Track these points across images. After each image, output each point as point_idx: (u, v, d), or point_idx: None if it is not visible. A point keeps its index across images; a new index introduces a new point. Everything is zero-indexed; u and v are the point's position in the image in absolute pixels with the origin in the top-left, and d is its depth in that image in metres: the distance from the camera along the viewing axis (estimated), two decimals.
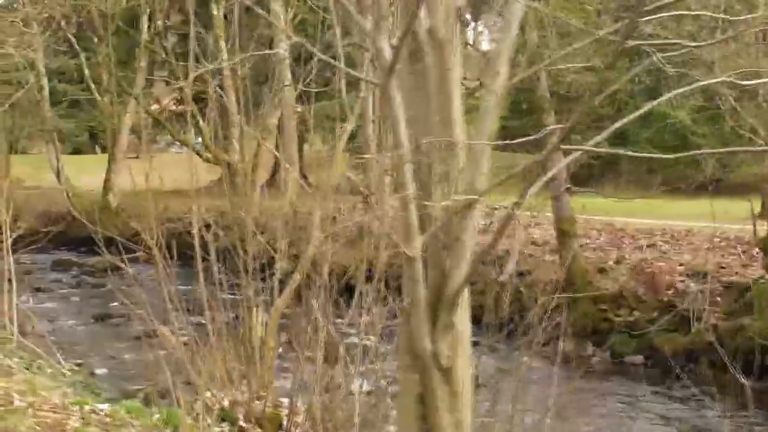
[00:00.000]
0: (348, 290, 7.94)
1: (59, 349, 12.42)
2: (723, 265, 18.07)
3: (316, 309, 7.41)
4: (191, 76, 17.79)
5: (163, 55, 31.79)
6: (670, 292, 17.72)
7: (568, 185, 18.50)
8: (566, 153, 4.29)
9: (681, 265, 18.24)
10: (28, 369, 8.74)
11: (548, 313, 7.79)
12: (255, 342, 7.46)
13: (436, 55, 4.35)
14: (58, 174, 32.15)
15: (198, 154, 30.73)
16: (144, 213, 30.13)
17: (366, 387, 7.01)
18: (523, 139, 4.00)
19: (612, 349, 17.46)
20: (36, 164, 37.69)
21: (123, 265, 8.73)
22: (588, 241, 20.72)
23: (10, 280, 11.23)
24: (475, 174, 4.31)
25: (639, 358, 17.47)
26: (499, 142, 4.27)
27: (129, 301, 22.41)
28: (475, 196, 4.28)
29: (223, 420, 7.04)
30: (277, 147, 29.11)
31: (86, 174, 35.44)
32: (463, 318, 4.52)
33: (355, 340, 7.46)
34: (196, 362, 7.48)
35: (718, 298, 17.28)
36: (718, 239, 19.54)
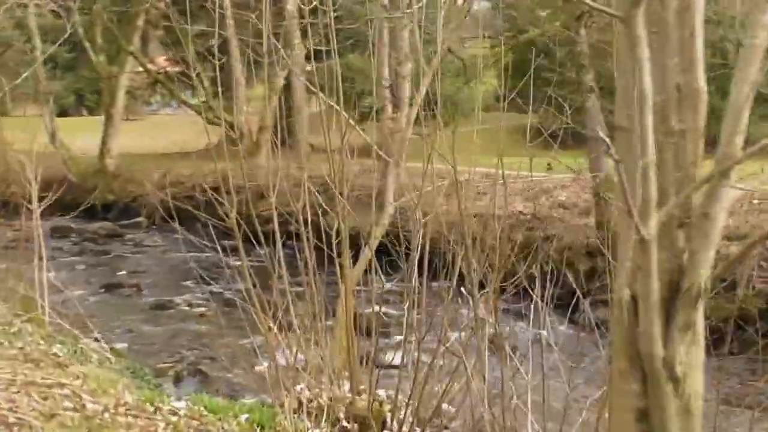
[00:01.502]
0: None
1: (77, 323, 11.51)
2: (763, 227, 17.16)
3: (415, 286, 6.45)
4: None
5: (163, 7, 30.56)
6: None
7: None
8: None
9: None
10: (74, 356, 7.74)
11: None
12: (349, 325, 6.45)
13: None
14: (52, 137, 30.93)
15: (200, 114, 29.71)
16: (146, 177, 29.04)
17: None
18: None
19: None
20: (24, 126, 36.41)
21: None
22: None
23: (40, 256, 10.25)
24: (733, 132, 3.35)
25: None
26: None
27: (138, 270, 21.40)
28: (731, 161, 3.33)
29: (321, 418, 6.05)
30: (284, 107, 28.04)
31: (75, 137, 34.25)
32: (700, 316, 3.59)
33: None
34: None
35: (763, 263, 16.42)
36: (757, 201, 18.65)
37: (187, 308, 18.39)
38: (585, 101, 17.79)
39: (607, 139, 3.15)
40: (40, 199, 11.71)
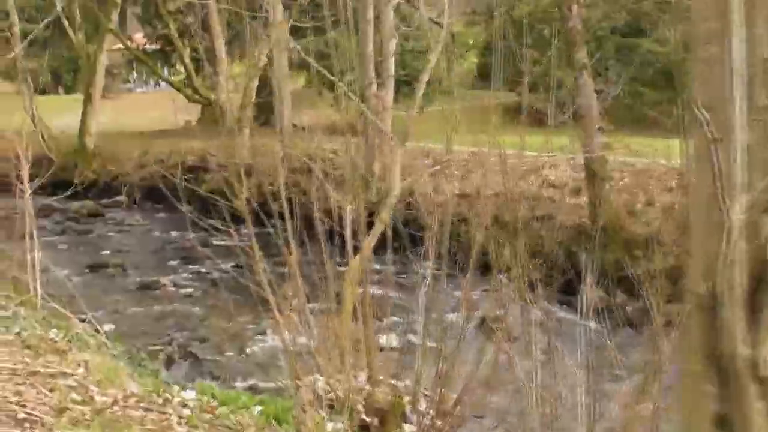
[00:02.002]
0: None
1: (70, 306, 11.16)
2: None
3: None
4: None
5: None
6: None
7: (600, 125, 17.37)
8: None
9: None
10: (71, 342, 7.38)
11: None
12: (366, 312, 6.13)
13: None
14: (32, 115, 30.37)
15: (180, 91, 29.30)
16: (125, 156, 28.63)
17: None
18: None
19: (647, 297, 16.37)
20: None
21: None
22: (611, 182, 19.56)
23: (32, 236, 9.91)
24: None
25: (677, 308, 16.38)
26: None
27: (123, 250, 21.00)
28: None
29: (335, 411, 5.72)
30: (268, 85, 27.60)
31: (53, 115, 33.70)
32: None
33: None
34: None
35: None
36: None
37: (173, 288, 18.06)
38: (577, 79, 17.49)
39: (706, 118, 2.83)
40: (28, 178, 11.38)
